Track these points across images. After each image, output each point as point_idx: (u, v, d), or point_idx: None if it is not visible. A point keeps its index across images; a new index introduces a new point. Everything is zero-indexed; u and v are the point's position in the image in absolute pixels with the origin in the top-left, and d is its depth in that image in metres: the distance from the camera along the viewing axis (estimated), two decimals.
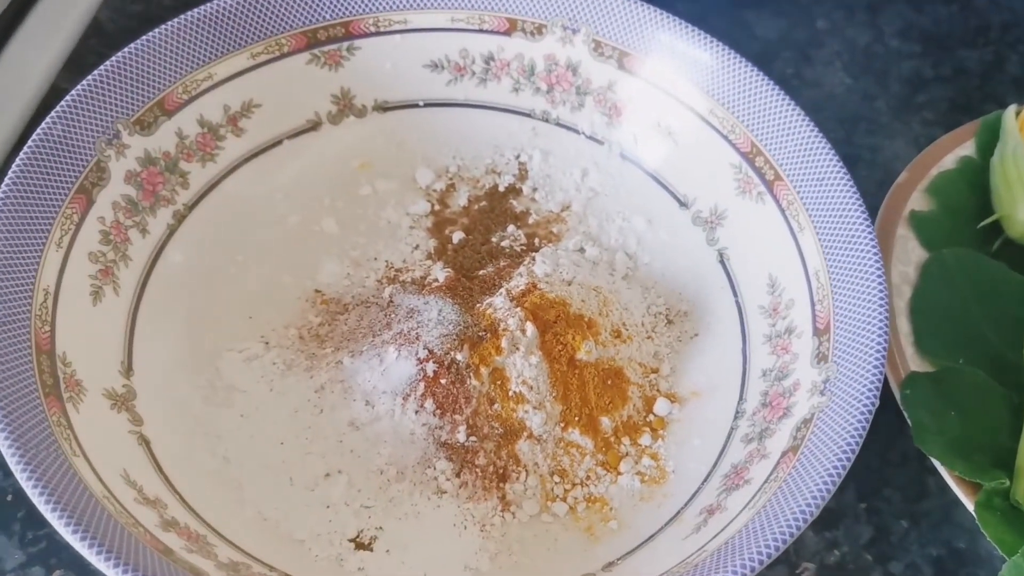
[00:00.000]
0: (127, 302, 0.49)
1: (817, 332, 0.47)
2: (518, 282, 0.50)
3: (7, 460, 0.39)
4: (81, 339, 0.46)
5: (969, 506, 0.46)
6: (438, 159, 0.59)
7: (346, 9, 0.56)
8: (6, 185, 0.46)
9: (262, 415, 0.48)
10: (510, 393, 0.47)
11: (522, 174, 0.59)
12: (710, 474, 0.47)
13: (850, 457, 0.41)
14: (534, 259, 0.52)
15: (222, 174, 0.55)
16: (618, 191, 0.58)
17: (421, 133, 0.59)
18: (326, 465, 0.47)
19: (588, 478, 0.48)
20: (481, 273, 0.53)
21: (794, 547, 0.49)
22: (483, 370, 0.47)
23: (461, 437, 0.47)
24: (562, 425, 0.48)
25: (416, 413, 0.47)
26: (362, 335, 0.50)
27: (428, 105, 0.59)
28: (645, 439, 0.49)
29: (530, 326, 0.48)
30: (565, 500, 0.47)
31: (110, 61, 0.51)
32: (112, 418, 0.45)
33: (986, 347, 0.51)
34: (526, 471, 0.47)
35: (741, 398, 0.49)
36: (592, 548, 0.46)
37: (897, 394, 0.49)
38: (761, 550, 0.38)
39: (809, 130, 0.51)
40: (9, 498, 0.48)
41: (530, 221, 0.57)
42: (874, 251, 0.47)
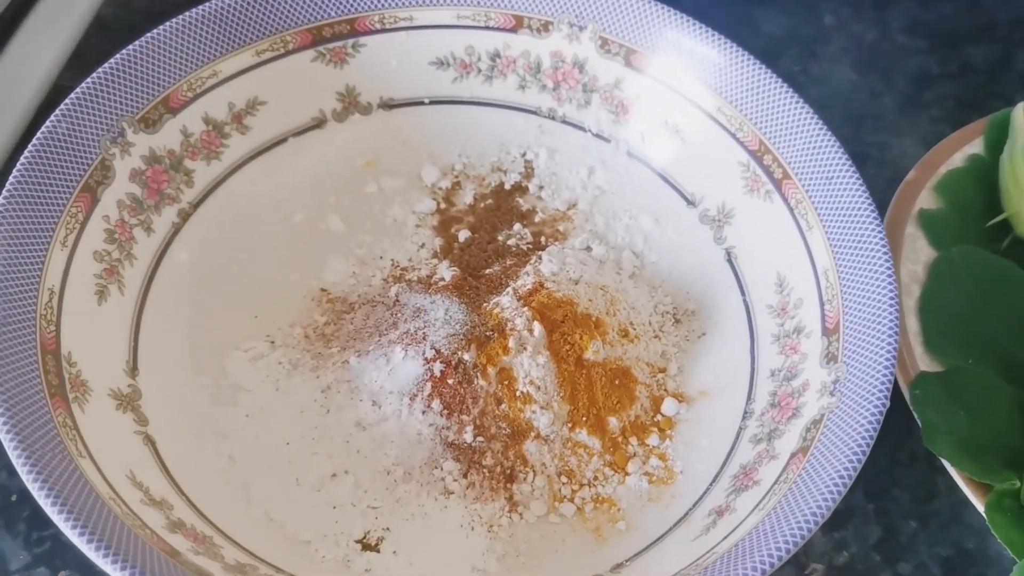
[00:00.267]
0: (132, 301, 0.49)
1: (826, 332, 0.47)
2: (525, 281, 0.50)
3: (13, 461, 0.39)
4: (86, 339, 0.46)
5: (979, 507, 0.46)
6: (444, 157, 0.59)
7: (352, 6, 0.56)
8: (10, 184, 0.46)
9: (268, 415, 0.48)
10: (517, 393, 0.47)
11: (528, 172, 0.59)
12: (719, 475, 0.47)
13: (861, 459, 0.40)
14: (541, 258, 0.52)
15: (227, 172, 0.55)
16: (625, 189, 0.57)
17: (427, 131, 0.59)
18: (332, 465, 0.46)
19: (596, 479, 0.47)
20: (487, 272, 0.53)
21: (802, 547, 0.48)
22: (490, 370, 0.47)
23: (468, 437, 0.47)
24: (569, 425, 0.48)
25: (423, 413, 0.47)
26: (368, 334, 0.50)
27: (434, 102, 0.59)
28: (653, 439, 0.49)
29: (537, 326, 0.48)
30: (573, 501, 0.47)
31: (114, 59, 0.51)
32: (118, 418, 0.45)
33: (996, 346, 0.51)
34: (533, 472, 0.47)
35: (749, 398, 0.49)
36: (600, 549, 0.45)
37: (906, 394, 0.49)
38: (772, 552, 0.38)
39: (818, 128, 0.51)
40: (14, 498, 0.48)
41: (536, 219, 0.57)
42: (884, 250, 0.47)
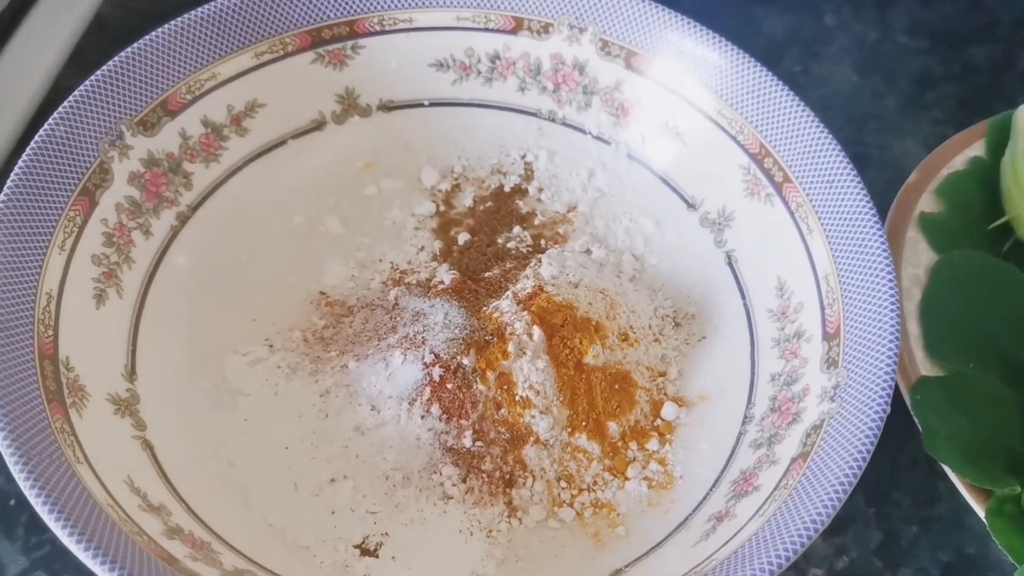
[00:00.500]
0: (130, 305, 0.49)
1: (827, 337, 0.47)
2: (524, 285, 0.50)
3: (10, 468, 0.39)
4: (84, 343, 0.46)
5: (980, 512, 0.46)
6: (443, 159, 0.59)
7: (351, 8, 0.56)
8: (8, 188, 0.46)
9: (267, 419, 0.48)
10: (517, 398, 0.47)
11: (528, 174, 0.58)
12: (718, 480, 0.47)
13: (861, 465, 0.40)
14: (540, 261, 0.52)
15: (226, 175, 0.54)
16: (625, 192, 0.57)
17: (426, 133, 0.58)
18: (331, 470, 0.46)
19: (595, 483, 0.47)
20: (487, 275, 0.53)
21: (803, 552, 0.48)
22: (489, 375, 0.47)
23: (467, 442, 0.46)
24: (569, 430, 0.48)
25: (422, 418, 0.46)
26: (367, 338, 0.50)
27: (433, 104, 0.59)
28: (652, 444, 0.49)
29: (537, 330, 0.47)
30: (572, 506, 0.47)
31: (113, 61, 0.50)
32: (116, 423, 0.45)
33: (997, 351, 0.51)
34: (533, 476, 0.47)
35: (750, 403, 0.49)
36: (599, 555, 0.45)
37: (907, 398, 0.49)
38: (772, 560, 0.38)
39: (819, 131, 0.51)
40: (12, 502, 0.48)
41: (536, 222, 0.57)
42: (885, 255, 0.46)
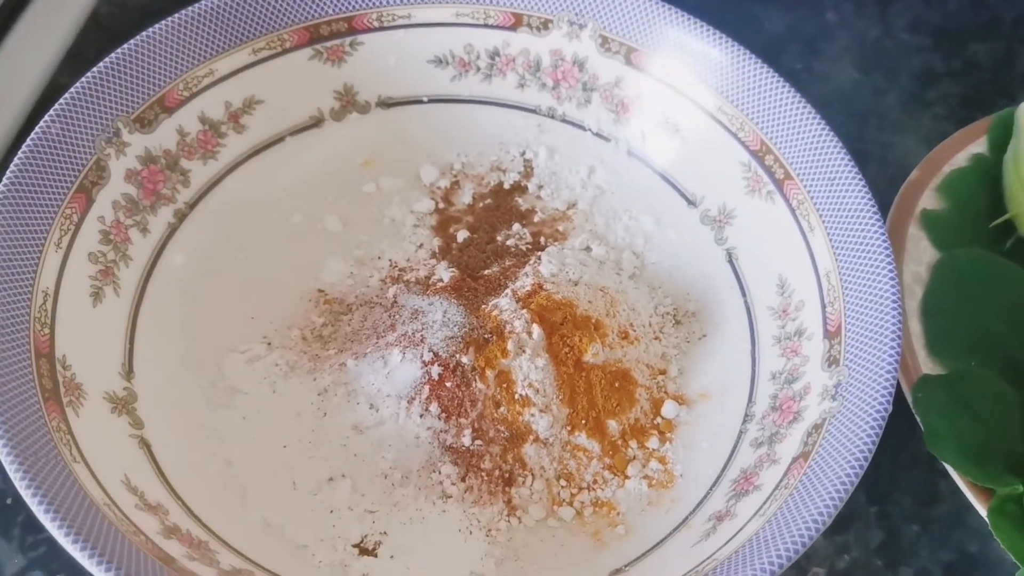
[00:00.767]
0: (128, 303, 0.49)
1: (828, 335, 0.47)
2: (524, 282, 0.50)
3: (5, 467, 0.38)
4: (81, 341, 0.46)
5: (981, 511, 0.46)
6: (442, 156, 0.58)
7: (349, 4, 0.56)
8: (4, 185, 0.45)
9: (264, 418, 0.48)
10: (516, 396, 0.47)
11: (527, 171, 0.58)
12: (719, 479, 0.46)
13: (863, 465, 0.40)
14: (540, 258, 0.51)
15: (224, 172, 0.54)
16: (625, 189, 0.57)
17: (425, 130, 0.58)
18: (330, 469, 0.46)
19: (595, 482, 0.47)
20: (486, 273, 0.53)
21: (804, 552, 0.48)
22: (489, 373, 0.47)
23: (466, 441, 0.46)
24: (569, 428, 0.47)
25: (421, 417, 0.46)
26: (366, 336, 0.50)
27: (432, 101, 0.58)
28: (653, 442, 0.48)
29: (536, 328, 0.47)
30: (572, 504, 0.46)
31: (109, 58, 0.50)
32: (113, 422, 0.45)
33: (999, 349, 0.51)
34: (532, 475, 0.47)
35: (750, 401, 0.49)
36: (599, 554, 0.45)
37: (909, 397, 0.48)
38: (772, 560, 0.38)
39: (820, 128, 0.51)
40: (9, 501, 0.48)
41: (536, 219, 0.56)
42: (886, 253, 0.46)
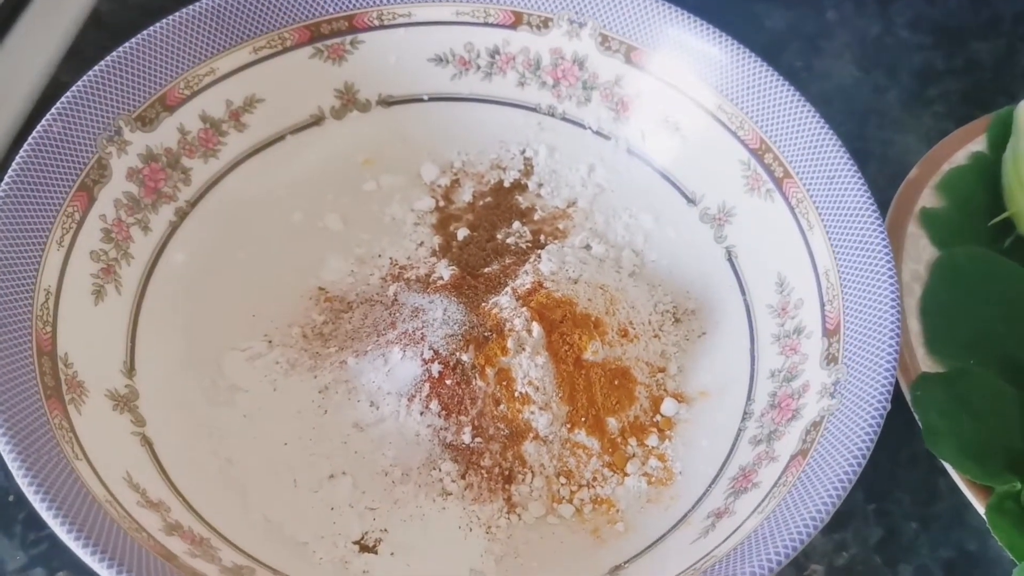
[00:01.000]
0: (129, 301, 0.49)
1: (827, 333, 0.47)
2: (524, 280, 0.50)
3: (8, 464, 0.39)
4: (83, 339, 0.46)
5: (980, 509, 0.46)
6: (443, 154, 0.58)
7: (350, 2, 0.56)
8: (6, 183, 0.46)
9: (265, 415, 0.48)
10: (516, 394, 0.47)
11: (528, 169, 0.58)
12: (718, 476, 0.47)
13: (861, 463, 0.40)
14: (540, 257, 0.52)
15: (224, 170, 0.54)
16: (625, 187, 0.57)
17: (425, 128, 0.58)
18: (330, 466, 0.46)
19: (594, 479, 0.47)
20: (486, 271, 0.53)
21: (802, 548, 0.48)
22: (489, 371, 0.47)
23: (466, 438, 0.46)
24: (568, 426, 0.48)
25: (421, 414, 0.46)
26: (366, 334, 0.50)
27: (432, 99, 0.58)
28: (652, 440, 0.48)
29: (536, 326, 0.47)
30: (571, 502, 0.47)
31: (110, 57, 0.50)
32: (114, 419, 0.45)
33: (998, 348, 0.51)
34: (532, 472, 0.47)
35: (749, 399, 0.49)
36: (598, 551, 0.45)
37: (907, 395, 0.49)
38: (771, 557, 0.38)
39: (819, 127, 0.51)
40: (11, 499, 0.48)
41: (536, 217, 0.57)
42: (885, 251, 0.46)
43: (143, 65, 0.51)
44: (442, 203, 0.57)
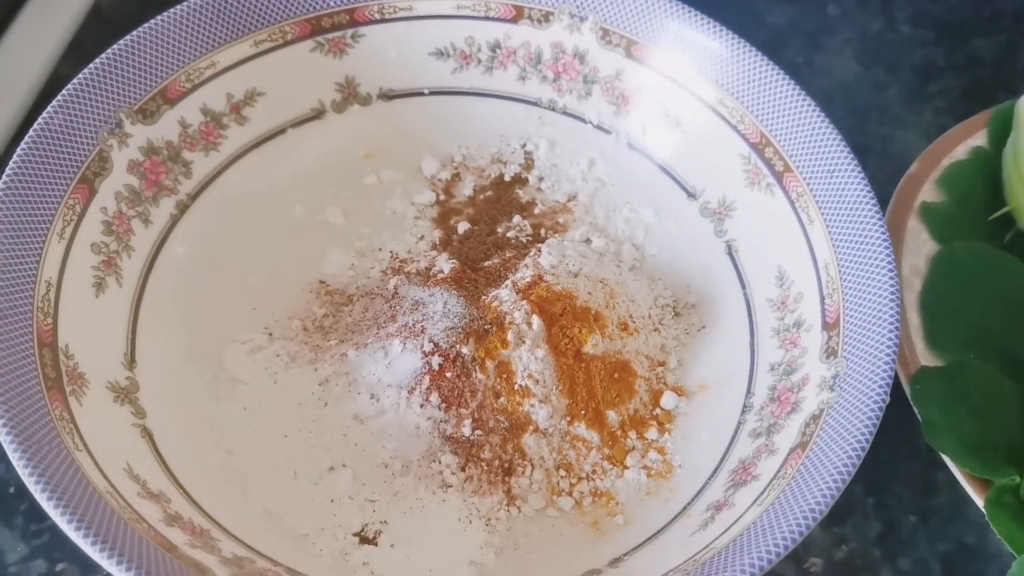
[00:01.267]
0: (130, 293, 0.49)
1: (826, 326, 0.47)
2: (524, 274, 0.50)
3: (9, 455, 0.39)
4: (83, 331, 0.46)
5: (979, 502, 0.46)
6: (443, 148, 0.58)
7: None
8: (7, 176, 0.46)
9: (266, 408, 0.48)
10: (516, 387, 0.47)
11: (528, 163, 0.58)
12: (717, 469, 0.47)
13: (860, 455, 0.40)
14: (540, 250, 0.52)
15: (225, 163, 0.54)
16: (625, 181, 0.57)
17: (426, 122, 0.58)
18: (330, 459, 0.46)
19: (594, 472, 0.47)
20: (487, 264, 0.53)
21: (802, 542, 0.48)
22: (488, 364, 0.47)
23: (466, 431, 0.46)
24: (568, 419, 0.48)
25: (421, 407, 0.46)
26: (367, 327, 0.50)
27: (433, 93, 0.58)
28: (652, 433, 0.48)
29: (536, 319, 0.47)
30: (571, 494, 0.47)
31: (112, 49, 0.50)
32: (115, 411, 0.45)
33: (998, 342, 0.51)
34: (532, 465, 0.47)
35: (749, 392, 0.49)
36: (598, 543, 0.45)
37: (907, 389, 0.49)
38: (770, 549, 0.38)
39: (820, 121, 0.51)
40: (12, 490, 0.48)
41: (536, 211, 0.57)
42: (885, 245, 0.46)
43: (144, 58, 0.51)
44: (443, 197, 0.57)
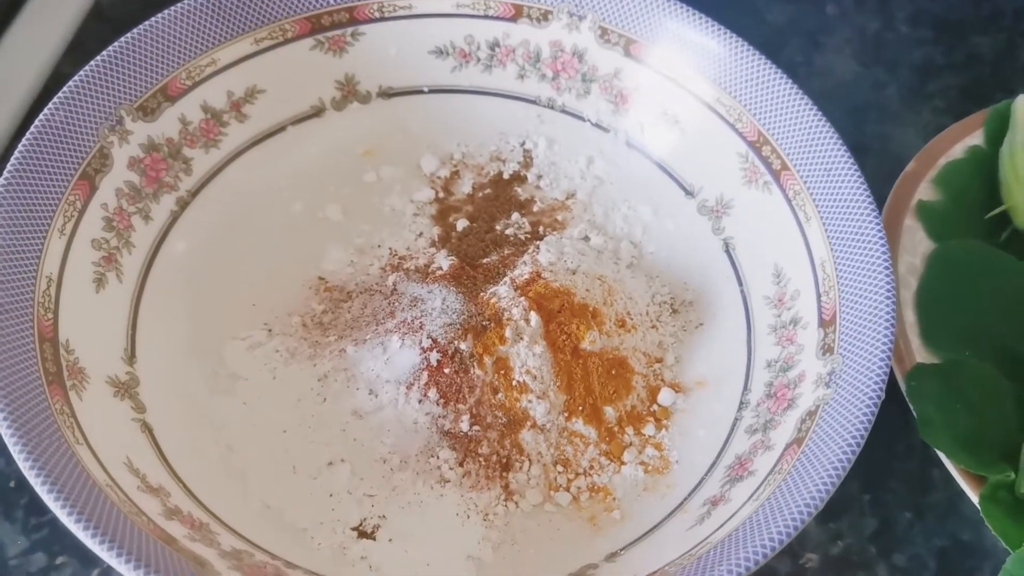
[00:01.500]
0: (130, 289, 0.49)
1: (823, 323, 0.47)
2: (522, 271, 0.50)
3: (10, 449, 0.39)
4: (84, 326, 0.46)
5: (974, 498, 0.46)
6: (442, 146, 0.59)
7: None
8: (8, 172, 0.46)
9: (265, 403, 0.48)
10: (514, 382, 0.47)
11: (527, 161, 0.59)
12: (714, 465, 0.47)
13: (855, 451, 0.40)
14: (538, 247, 0.52)
15: (225, 161, 0.55)
16: (624, 179, 0.57)
17: (426, 120, 0.59)
18: (329, 454, 0.46)
19: (591, 468, 0.47)
20: (485, 261, 0.53)
21: (797, 538, 0.48)
22: (487, 359, 0.47)
23: (464, 426, 0.47)
24: (566, 415, 0.48)
25: (419, 402, 0.47)
26: (365, 323, 0.50)
27: (433, 91, 0.59)
28: (649, 429, 0.49)
29: (534, 315, 0.48)
30: (568, 490, 0.47)
31: (113, 47, 0.51)
32: (115, 406, 0.45)
33: (993, 340, 0.51)
34: (529, 460, 0.47)
35: (746, 389, 0.49)
36: (595, 538, 0.45)
37: (903, 386, 0.49)
38: (765, 543, 0.38)
39: (817, 120, 0.51)
40: (12, 484, 0.48)
41: (535, 209, 0.57)
42: (881, 243, 0.47)
43: (145, 55, 0.51)
44: (442, 194, 0.57)
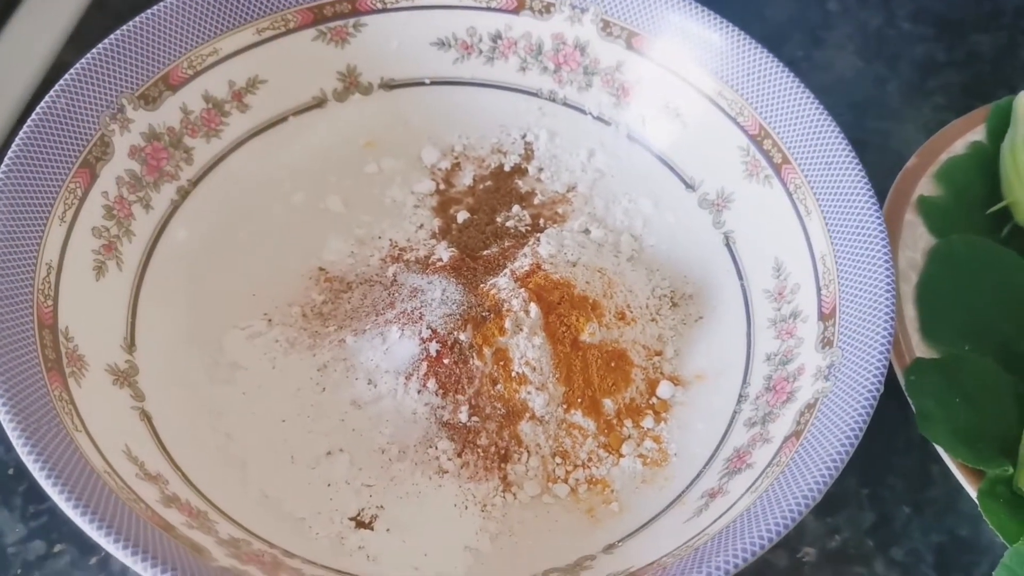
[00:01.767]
0: (130, 277, 0.49)
1: (822, 317, 0.47)
2: (522, 263, 0.50)
3: (9, 435, 0.39)
4: (84, 314, 0.46)
5: (972, 493, 0.46)
6: (444, 138, 0.59)
7: None
8: (9, 159, 0.46)
9: (264, 393, 0.48)
10: (513, 374, 0.47)
11: (528, 154, 0.59)
12: (712, 457, 0.47)
13: (853, 443, 0.40)
14: (539, 240, 0.52)
15: (227, 150, 0.55)
16: (625, 172, 0.57)
17: (427, 111, 0.59)
18: (328, 443, 0.47)
19: (590, 460, 0.48)
20: (485, 253, 0.53)
21: (795, 531, 0.48)
22: (486, 350, 0.47)
23: (463, 417, 0.47)
24: (564, 406, 0.48)
25: (418, 393, 0.47)
26: (365, 314, 0.50)
27: (434, 83, 0.59)
28: (648, 421, 0.49)
29: (534, 307, 0.48)
30: (566, 481, 0.47)
31: (115, 35, 0.51)
32: (114, 393, 0.45)
33: (993, 335, 0.51)
34: (528, 452, 0.47)
35: (745, 382, 0.49)
36: (593, 530, 0.46)
37: (902, 380, 0.49)
38: (763, 534, 0.38)
39: (818, 113, 0.51)
40: (10, 471, 0.48)
41: (535, 201, 0.57)
42: (882, 237, 0.47)
43: (147, 44, 0.51)
44: (442, 186, 0.57)
